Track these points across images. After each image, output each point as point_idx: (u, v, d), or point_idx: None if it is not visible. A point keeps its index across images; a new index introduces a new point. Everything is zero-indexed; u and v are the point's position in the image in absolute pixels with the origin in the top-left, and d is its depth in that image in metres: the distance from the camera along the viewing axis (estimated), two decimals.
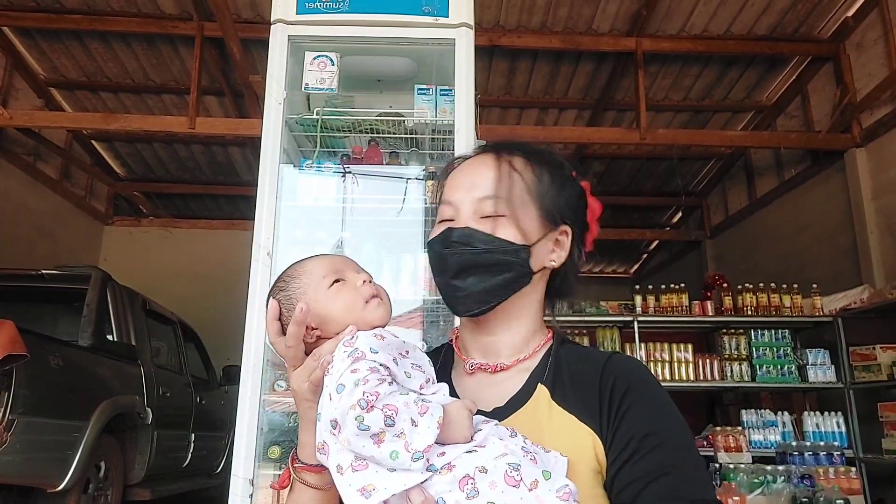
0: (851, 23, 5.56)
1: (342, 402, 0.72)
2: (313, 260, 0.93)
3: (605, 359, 0.89)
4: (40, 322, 4.03)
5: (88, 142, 7.76)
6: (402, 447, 0.70)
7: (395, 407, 0.71)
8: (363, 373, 0.74)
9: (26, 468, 3.18)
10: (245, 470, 2.20)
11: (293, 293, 0.89)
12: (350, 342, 0.80)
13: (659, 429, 0.79)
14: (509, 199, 0.87)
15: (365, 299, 0.88)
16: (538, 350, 0.92)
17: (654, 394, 0.84)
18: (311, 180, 2.71)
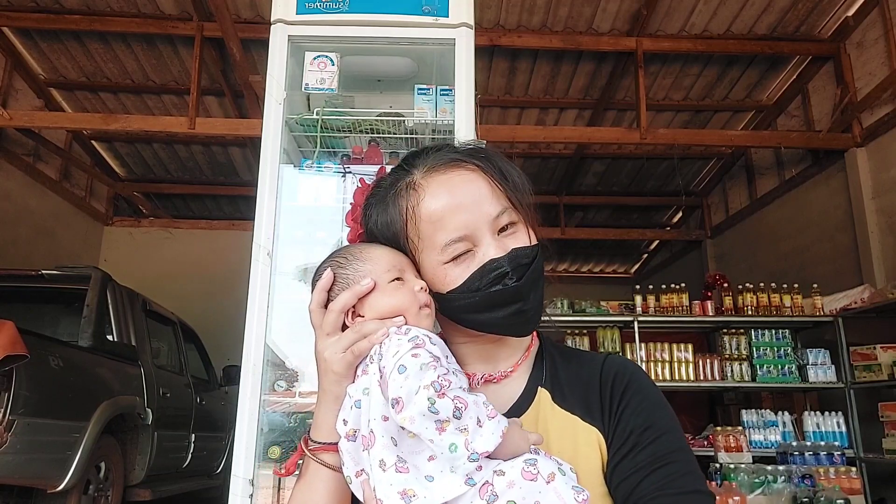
0: (852, 22, 5.55)
1: (409, 381, 0.70)
2: (380, 249, 0.89)
3: (602, 359, 0.91)
4: (40, 322, 4.03)
5: (88, 142, 7.76)
6: (462, 442, 0.69)
7: (466, 402, 0.70)
8: (426, 357, 0.73)
9: (26, 468, 3.18)
10: (245, 470, 2.20)
11: (351, 274, 0.87)
12: (404, 332, 0.79)
13: (656, 422, 0.82)
14: (518, 204, 0.86)
15: (419, 305, 0.85)
16: (531, 350, 0.92)
17: (650, 390, 0.86)
18: (311, 180, 2.71)
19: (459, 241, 0.82)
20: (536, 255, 0.84)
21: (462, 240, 0.82)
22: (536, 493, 0.70)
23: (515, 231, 0.85)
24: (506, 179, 0.86)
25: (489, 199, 0.84)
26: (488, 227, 0.83)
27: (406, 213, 0.86)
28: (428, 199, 0.84)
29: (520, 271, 0.82)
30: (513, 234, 0.84)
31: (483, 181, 0.85)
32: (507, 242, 0.83)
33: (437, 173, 0.86)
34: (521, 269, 0.82)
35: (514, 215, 0.85)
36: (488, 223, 0.83)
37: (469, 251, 0.83)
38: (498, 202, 0.84)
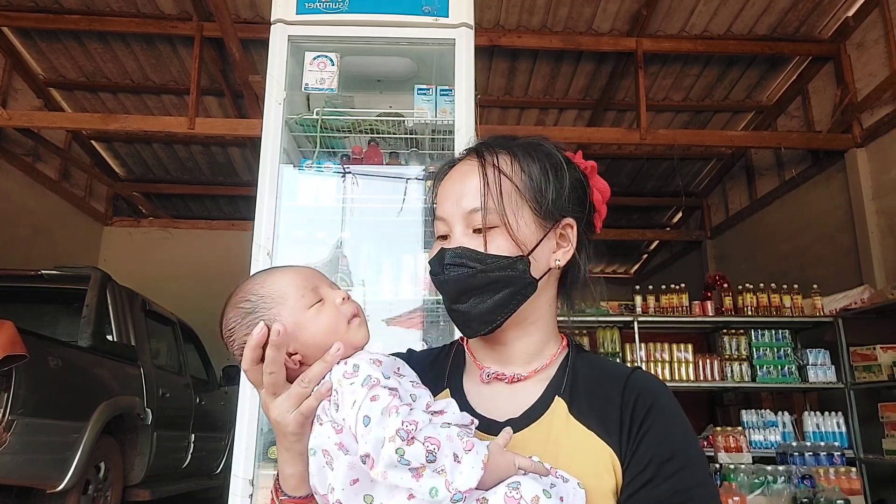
0: (852, 23, 5.55)
1: (374, 433, 0.66)
2: (284, 274, 0.84)
3: (627, 374, 0.85)
4: (40, 322, 4.03)
5: (88, 142, 7.76)
6: (442, 485, 0.65)
7: (438, 441, 0.66)
8: (386, 399, 0.68)
9: (26, 469, 3.18)
10: (245, 470, 2.19)
11: (264, 315, 0.80)
12: (353, 373, 0.74)
13: (679, 454, 0.77)
14: (498, 208, 0.81)
15: (347, 319, 0.82)
16: (555, 359, 0.88)
17: (676, 416, 0.81)
18: (311, 180, 2.71)
19: (439, 220, 0.86)
20: (488, 265, 0.80)
21: (441, 220, 0.86)
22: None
23: (489, 233, 0.81)
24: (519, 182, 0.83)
25: (471, 195, 0.83)
26: (461, 219, 0.83)
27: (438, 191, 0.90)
28: (443, 182, 0.89)
29: (454, 270, 0.81)
30: (487, 236, 0.81)
31: (475, 175, 0.84)
32: (471, 241, 0.82)
33: (460, 161, 0.89)
34: (458, 269, 0.81)
35: (494, 218, 0.81)
36: (461, 216, 0.83)
37: (446, 237, 0.85)
38: (476, 200, 0.82)
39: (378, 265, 2.77)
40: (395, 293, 2.70)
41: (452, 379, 0.90)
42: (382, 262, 2.77)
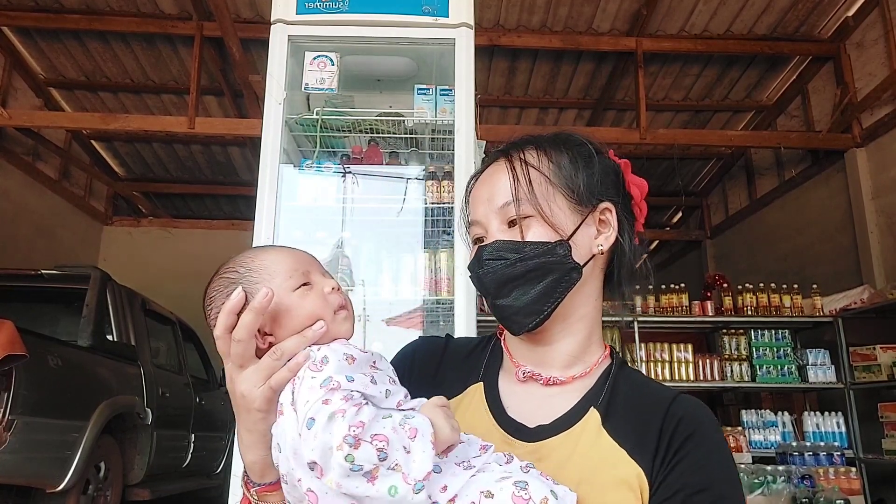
0: (852, 22, 5.55)
1: (320, 439, 0.62)
2: (277, 253, 0.82)
3: (671, 398, 0.81)
4: (40, 322, 4.02)
5: (88, 142, 7.75)
6: (400, 480, 0.62)
7: (386, 437, 0.63)
8: (337, 403, 0.64)
9: (26, 468, 3.18)
10: None
11: (248, 288, 0.77)
12: (318, 365, 0.70)
13: (713, 487, 0.73)
14: (530, 197, 0.80)
15: (333, 309, 0.79)
16: (595, 368, 0.85)
17: (718, 447, 0.77)
18: (311, 180, 2.71)
19: (474, 224, 0.86)
20: (525, 253, 0.79)
21: (475, 224, 0.85)
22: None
23: (524, 223, 0.81)
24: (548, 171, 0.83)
25: (501, 191, 0.83)
26: (495, 216, 0.83)
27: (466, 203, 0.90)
28: (473, 190, 0.88)
29: (492, 264, 0.80)
30: (522, 226, 0.81)
31: (503, 173, 0.84)
32: (506, 235, 0.82)
33: (487, 167, 0.89)
34: (496, 262, 0.80)
35: (528, 208, 0.80)
36: (495, 213, 0.83)
37: (482, 239, 0.84)
38: (507, 193, 0.82)
39: (378, 265, 2.77)
40: (395, 293, 2.71)
41: (488, 374, 0.89)
42: (382, 261, 2.77)
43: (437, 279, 2.64)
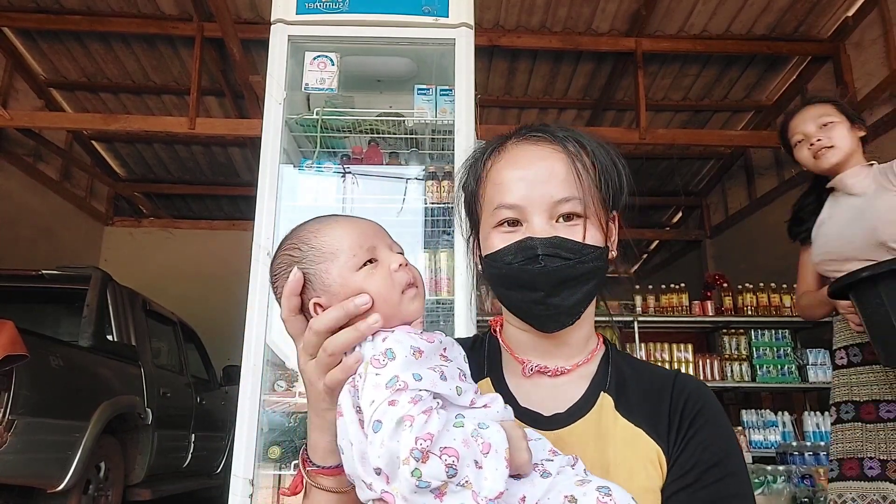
0: (851, 22, 5.55)
1: (386, 447, 0.59)
2: (340, 227, 0.76)
3: (673, 375, 0.86)
4: (41, 322, 4.03)
5: (89, 142, 7.76)
6: (469, 499, 0.59)
7: (456, 451, 0.59)
8: (405, 407, 0.61)
9: (27, 468, 3.18)
10: (245, 470, 2.20)
11: (311, 267, 0.73)
12: (383, 361, 0.66)
13: (724, 461, 0.77)
14: (589, 198, 0.80)
15: (401, 289, 0.74)
16: (595, 354, 0.88)
17: (723, 422, 0.82)
18: (311, 180, 2.72)
19: (510, 208, 0.81)
20: (585, 255, 0.79)
21: (512, 208, 0.81)
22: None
23: (577, 225, 0.80)
24: (592, 172, 0.82)
25: (559, 182, 0.80)
26: (545, 207, 0.80)
27: (483, 171, 0.86)
28: (503, 163, 0.84)
29: (551, 261, 0.78)
30: (572, 227, 0.80)
31: (562, 164, 0.81)
32: (560, 231, 0.79)
33: (524, 142, 0.85)
34: (555, 259, 0.78)
35: (583, 209, 0.80)
36: (546, 204, 0.80)
37: (517, 223, 0.81)
38: (567, 189, 0.80)
39: None
40: None
41: (492, 369, 0.89)
42: None
43: (437, 279, 2.64)
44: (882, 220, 1.83)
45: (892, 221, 1.82)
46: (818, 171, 2.07)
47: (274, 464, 2.34)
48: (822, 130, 2.00)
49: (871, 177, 1.97)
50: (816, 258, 2.09)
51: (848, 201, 1.99)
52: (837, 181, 2.01)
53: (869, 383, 1.94)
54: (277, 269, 0.78)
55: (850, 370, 2.01)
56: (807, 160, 2.05)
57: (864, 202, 1.93)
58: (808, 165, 2.06)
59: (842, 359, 2.08)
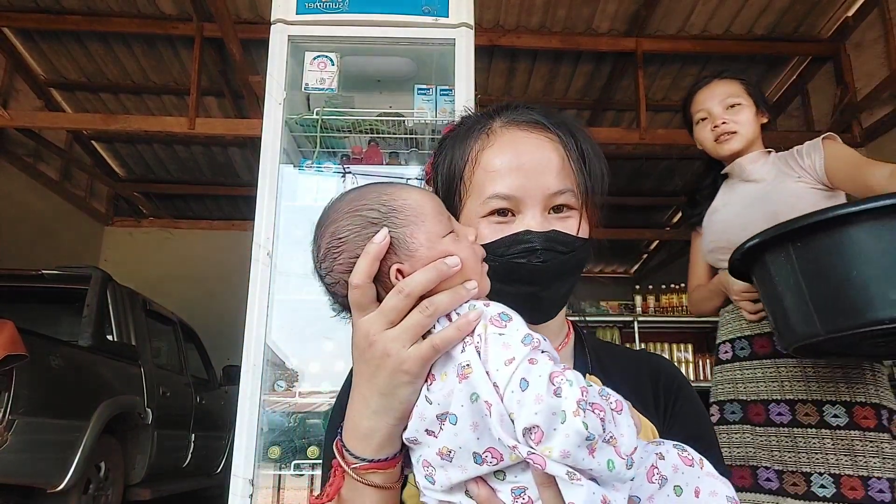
0: (851, 22, 5.56)
1: (546, 402, 0.56)
2: (417, 192, 0.71)
3: (646, 355, 0.90)
4: (40, 322, 4.03)
5: (89, 142, 7.76)
6: (614, 454, 0.58)
7: (602, 407, 0.59)
8: (548, 364, 0.59)
9: (26, 468, 3.18)
10: (245, 470, 2.20)
11: (399, 233, 0.67)
12: (502, 321, 0.63)
13: (705, 434, 0.82)
14: (582, 192, 0.80)
15: (482, 260, 0.71)
16: (569, 339, 0.90)
17: (697, 398, 0.87)
18: (311, 180, 2.72)
19: (504, 199, 0.78)
20: (576, 248, 0.79)
21: (507, 199, 0.78)
22: (696, 479, 0.65)
23: (569, 217, 0.80)
24: (583, 163, 0.81)
25: (555, 174, 0.78)
26: (540, 199, 0.78)
27: (470, 155, 0.83)
28: (494, 149, 0.82)
29: (549, 255, 0.77)
30: (564, 219, 0.79)
31: (557, 154, 0.80)
32: (554, 223, 0.79)
33: (515, 128, 0.83)
34: (553, 253, 0.77)
35: (575, 201, 0.79)
36: (542, 195, 0.78)
37: (509, 214, 0.79)
38: (563, 180, 0.79)
39: None
40: None
41: None
42: None
43: None
44: (784, 204, 1.72)
45: (794, 207, 1.68)
46: (715, 156, 1.94)
47: (274, 464, 2.34)
48: (728, 112, 1.86)
49: (770, 163, 1.88)
50: (709, 246, 1.93)
51: (745, 188, 1.88)
52: (735, 166, 1.90)
53: (756, 380, 1.71)
54: (345, 231, 0.69)
55: (735, 365, 1.78)
56: (706, 141, 1.92)
57: (763, 188, 1.82)
58: (707, 148, 1.93)
59: (726, 353, 1.85)
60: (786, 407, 1.63)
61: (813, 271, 1.25)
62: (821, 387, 1.60)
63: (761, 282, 1.47)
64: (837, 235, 1.22)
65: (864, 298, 1.17)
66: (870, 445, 1.51)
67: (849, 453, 1.52)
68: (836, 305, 1.22)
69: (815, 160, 1.78)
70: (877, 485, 1.47)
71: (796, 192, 1.75)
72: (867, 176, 1.59)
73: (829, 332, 1.24)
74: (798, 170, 1.81)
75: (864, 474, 1.49)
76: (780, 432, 1.61)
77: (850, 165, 1.70)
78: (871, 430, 1.53)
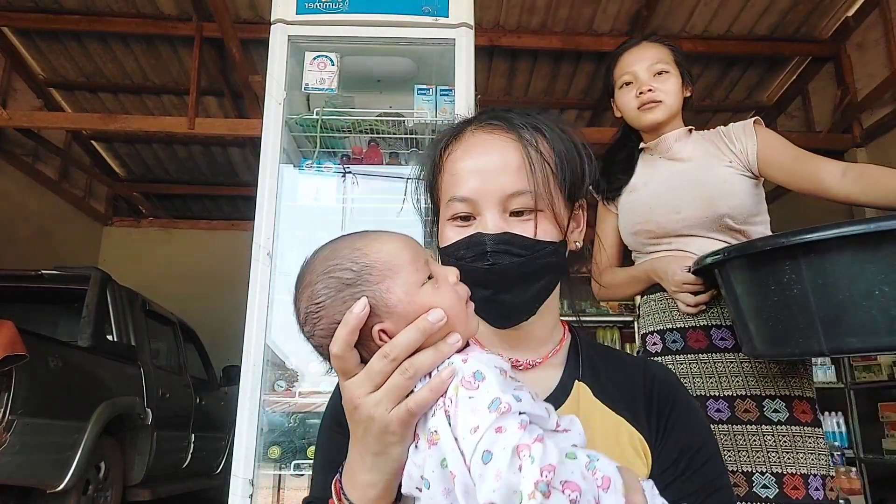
0: (852, 23, 5.55)
1: (504, 480, 0.53)
2: (391, 241, 0.69)
3: (642, 363, 0.86)
4: (40, 323, 4.03)
5: (88, 142, 7.76)
6: None
7: (577, 486, 0.55)
8: (515, 434, 0.55)
9: (26, 469, 3.18)
10: (245, 470, 2.19)
11: (369, 290, 0.65)
12: (474, 382, 0.60)
13: (705, 443, 0.79)
14: (544, 192, 0.77)
15: (465, 302, 0.69)
16: (564, 344, 0.87)
17: (695, 405, 0.83)
18: (311, 180, 2.71)
19: (462, 202, 0.78)
20: (537, 251, 0.76)
21: (464, 201, 0.78)
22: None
23: (530, 220, 0.77)
24: (551, 160, 0.78)
25: (511, 175, 0.77)
26: (496, 201, 0.77)
27: (441, 159, 0.84)
28: (459, 153, 0.81)
29: (500, 258, 0.75)
30: (526, 222, 0.77)
31: (517, 154, 0.78)
32: (514, 226, 0.77)
33: (482, 131, 0.82)
34: (505, 256, 0.75)
35: (541, 203, 0.77)
36: (498, 197, 0.77)
37: (470, 217, 0.79)
38: (520, 182, 0.76)
39: None
40: None
41: None
42: None
43: None
44: (718, 189, 1.61)
45: (729, 193, 1.60)
46: (635, 125, 1.79)
47: (274, 464, 2.34)
48: (654, 79, 1.71)
49: (694, 142, 1.74)
50: (631, 228, 1.76)
51: (669, 166, 1.72)
52: (661, 142, 1.75)
53: (692, 375, 1.57)
54: (321, 296, 0.67)
55: (667, 359, 1.64)
56: (628, 108, 1.75)
57: (690, 168, 1.68)
58: (628, 115, 1.77)
59: (655, 345, 1.68)
60: (724, 403, 1.52)
61: (828, 285, 1.14)
62: (759, 381, 1.51)
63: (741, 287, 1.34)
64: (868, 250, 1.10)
65: (885, 319, 1.07)
66: (808, 441, 1.46)
67: (790, 450, 1.45)
68: (850, 324, 1.11)
69: (748, 146, 1.67)
70: (813, 482, 1.42)
71: (726, 177, 1.64)
72: (818, 172, 1.54)
73: (834, 352, 1.15)
74: (728, 153, 1.68)
75: (805, 472, 1.43)
76: (719, 430, 1.50)
77: (788, 157, 1.63)
78: (808, 425, 1.48)
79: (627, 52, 1.79)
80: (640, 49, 1.77)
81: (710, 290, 1.55)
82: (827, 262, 1.14)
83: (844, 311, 1.11)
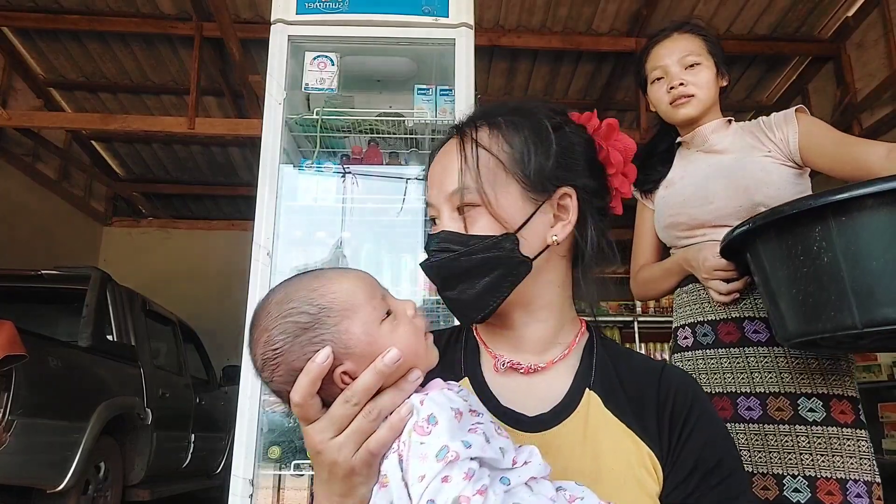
0: (852, 23, 5.55)
1: None
2: (346, 280, 0.68)
3: (659, 370, 0.80)
4: (40, 322, 4.02)
5: (87, 142, 7.76)
6: None
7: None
8: (459, 485, 0.56)
9: (26, 469, 3.18)
10: (245, 470, 2.19)
11: (327, 333, 0.64)
12: (426, 427, 0.60)
13: (725, 458, 0.74)
14: (477, 185, 0.75)
15: (423, 336, 0.69)
16: (574, 347, 0.83)
17: (715, 417, 0.78)
18: (311, 180, 2.71)
19: (430, 207, 0.83)
20: (472, 247, 0.75)
21: (430, 206, 0.83)
22: None
23: (470, 213, 0.77)
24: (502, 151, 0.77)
25: (451, 174, 0.78)
26: (446, 202, 0.79)
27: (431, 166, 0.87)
28: (431, 167, 0.85)
29: (439, 256, 0.77)
30: (469, 217, 0.77)
31: (454, 154, 0.79)
32: (457, 224, 0.78)
33: (449, 138, 0.84)
34: (441, 253, 0.77)
35: (475, 197, 0.76)
36: (444, 197, 0.79)
37: (436, 223, 0.82)
38: (457, 179, 0.77)
39: (378, 265, 2.77)
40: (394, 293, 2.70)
41: (469, 367, 0.84)
42: (382, 262, 2.77)
43: None
44: (754, 179, 1.54)
45: (765, 182, 1.53)
46: (669, 120, 1.73)
47: (274, 464, 2.34)
48: (686, 72, 1.66)
49: (733, 133, 1.68)
50: (665, 221, 1.69)
51: (706, 159, 1.67)
52: (696, 135, 1.68)
53: (722, 371, 1.49)
54: (277, 342, 0.66)
55: (698, 353, 1.55)
56: (660, 103, 1.70)
57: (727, 160, 1.62)
58: (661, 110, 1.72)
59: (686, 339, 1.60)
60: (756, 401, 1.43)
61: (861, 252, 1.04)
62: (794, 378, 1.40)
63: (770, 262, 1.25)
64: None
65: None
66: (847, 443, 1.37)
67: (825, 452, 1.36)
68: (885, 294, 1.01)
69: (789, 134, 1.60)
70: (854, 489, 1.32)
71: (765, 166, 1.56)
72: (864, 156, 1.41)
73: (868, 325, 1.04)
74: (767, 143, 1.61)
75: (842, 476, 1.33)
76: (749, 429, 1.41)
77: (832, 143, 1.52)
78: (849, 426, 1.38)
79: (658, 44, 1.76)
80: (670, 41, 1.75)
81: (744, 276, 1.47)
82: (859, 225, 1.06)
83: (878, 280, 1.01)
